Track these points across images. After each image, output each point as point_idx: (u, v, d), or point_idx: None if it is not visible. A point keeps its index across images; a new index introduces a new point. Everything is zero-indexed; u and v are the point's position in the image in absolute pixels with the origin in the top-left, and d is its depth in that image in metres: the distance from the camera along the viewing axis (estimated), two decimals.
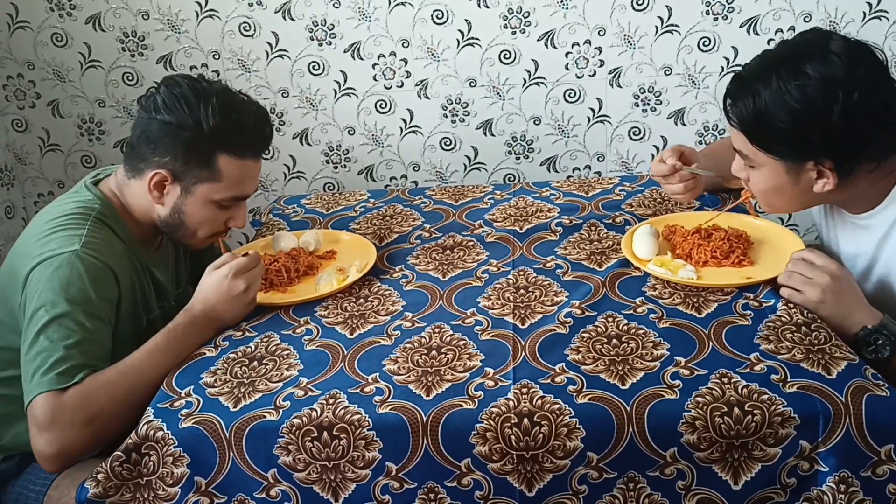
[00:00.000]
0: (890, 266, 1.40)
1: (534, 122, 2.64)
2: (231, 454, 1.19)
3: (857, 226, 1.44)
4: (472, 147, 2.70)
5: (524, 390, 1.18)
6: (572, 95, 2.60)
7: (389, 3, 2.51)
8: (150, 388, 1.31)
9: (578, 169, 2.71)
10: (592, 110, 2.62)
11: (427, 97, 2.63)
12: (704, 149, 1.82)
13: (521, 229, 1.72)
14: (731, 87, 1.39)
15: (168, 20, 2.57)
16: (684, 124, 2.60)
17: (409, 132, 2.69)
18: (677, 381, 1.17)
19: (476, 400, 1.18)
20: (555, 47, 2.54)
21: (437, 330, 1.36)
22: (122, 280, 1.45)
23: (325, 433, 1.16)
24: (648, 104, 2.59)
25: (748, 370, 1.18)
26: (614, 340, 1.28)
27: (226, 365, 1.32)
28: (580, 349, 1.27)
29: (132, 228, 1.54)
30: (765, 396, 1.13)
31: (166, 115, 1.45)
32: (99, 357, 1.34)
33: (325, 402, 1.20)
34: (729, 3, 2.43)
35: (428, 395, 1.19)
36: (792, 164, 1.35)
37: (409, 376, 1.24)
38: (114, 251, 1.45)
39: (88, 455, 1.34)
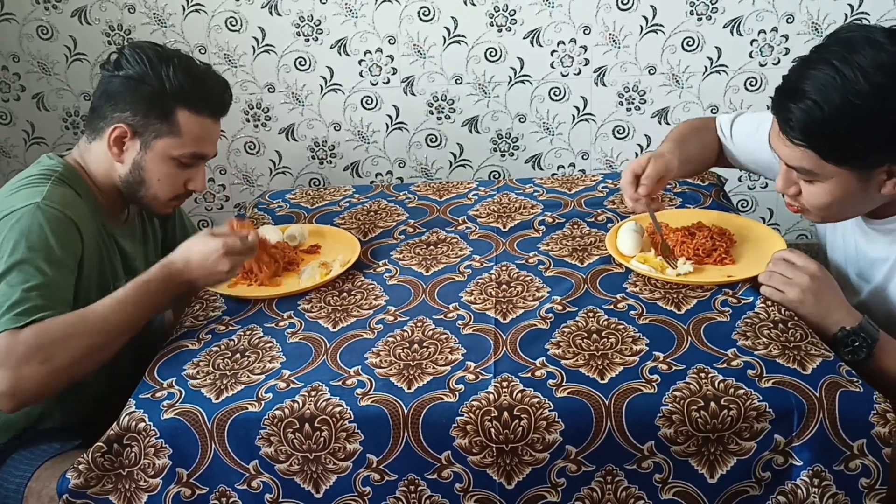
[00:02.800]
0: None
1: (519, 119, 2.66)
2: (213, 445, 1.19)
3: (878, 231, 1.43)
4: (458, 144, 2.71)
5: (504, 384, 1.19)
6: (557, 94, 2.61)
7: None
8: (114, 337, 1.32)
9: (563, 167, 2.72)
10: (577, 108, 2.63)
11: (413, 94, 2.64)
12: (673, 133, 1.70)
13: (504, 226, 1.73)
14: (783, 101, 1.28)
15: (154, 14, 2.57)
16: (668, 123, 2.62)
17: (395, 128, 2.70)
18: (655, 376, 1.18)
19: (457, 393, 1.19)
20: (540, 45, 2.55)
21: (419, 324, 1.37)
22: (86, 237, 1.44)
23: (307, 425, 1.17)
24: (633, 103, 2.61)
25: (725, 365, 1.20)
26: (594, 335, 1.29)
27: (208, 357, 1.33)
28: (560, 344, 1.28)
29: (97, 197, 1.54)
30: (741, 391, 1.14)
31: (128, 70, 1.49)
32: (60, 302, 1.33)
33: (307, 394, 1.21)
34: (713, 4, 2.46)
35: (409, 388, 1.20)
36: (865, 171, 1.28)
37: (391, 369, 1.25)
38: (76, 207, 1.45)
39: (43, 398, 1.32)
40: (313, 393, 1.21)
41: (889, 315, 1.44)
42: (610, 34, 2.53)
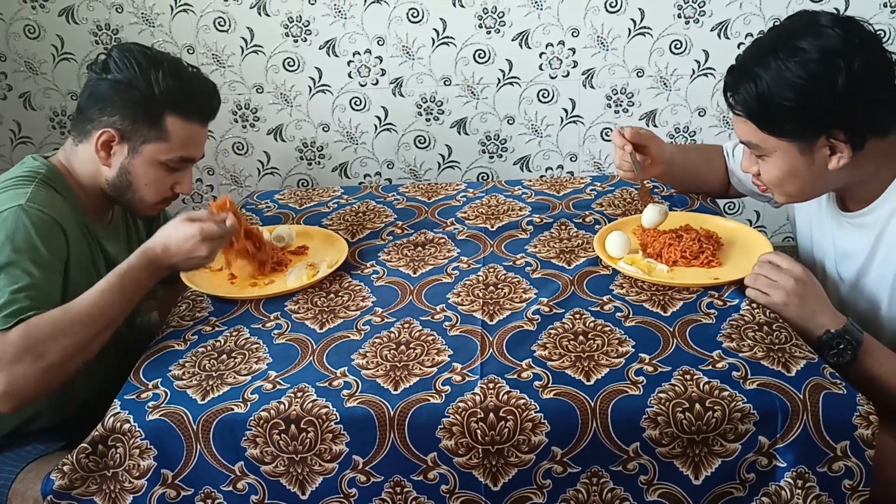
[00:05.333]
0: (882, 266, 1.42)
1: (507, 121, 2.66)
2: (198, 447, 1.19)
3: (853, 224, 1.46)
4: (446, 145, 2.71)
5: (491, 385, 1.19)
6: (546, 96, 2.62)
7: (365, 0, 2.52)
8: (102, 327, 1.32)
9: (551, 168, 2.73)
10: (565, 111, 2.64)
11: (402, 95, 2.64)
12: (686, 145, 1.84)
13: (492, 227, 1.73)
14: (729, 78, 1.40)
15: (142, 13, 2.56)
16: (656, 125, 2.63)
17: (384, 130, 2.70)
18: (641, 378, 1.19)
19: (443, 394, 1.19)
20: (529, 48, 2.56)
21: (406, 325, 1.37)
22: (71, 239, 1.44)
23: (293, 426, 1.17)
24: (621, 105, 2.62)
25: (710, 367, 1.20)
26: (581, 337, 1.30)
27: (194, 358, 1.32)
28: (547, 345, 1.28)
29: (81, 198, 1.53)
30: (725, 393, 1.15)
31: (116, 74, 1.47)
32: (48, 303, 1.32)
33: (293, 395, 1.20)
34: (700, 7, 2.47)
35: (396, 390, 1.20)
36: (804, 143, 1.35)
37: (378, 370, 1.25)
38: (60, 209, 1.44)
39: (41, 396, 1.31)
40: (299, 394, 1.21)
41: (866, 309, 1.46)
42: (598, 37, 2.53)
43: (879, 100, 1.31)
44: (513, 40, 2.55)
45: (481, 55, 2.58)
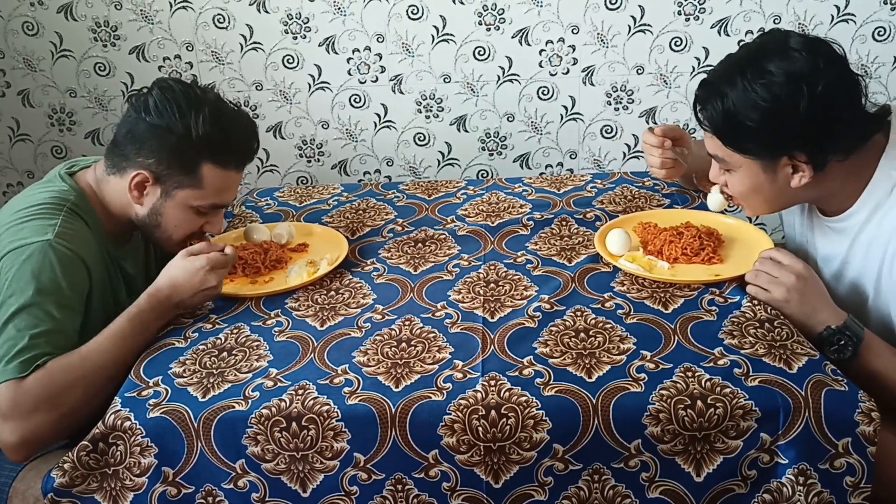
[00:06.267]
0: (861, 268, 1.43)
1: (507, 118, 2.66)
2: (199, 444, 1.19)
3: (832, 229, 1.47)
4: (446, 143, 2.71)
5: (492, 382, 1.19)
6: (546, 93, 2.62)
7: None
8: (114, 373, 1.32)
9: (551, 166, 2.73)
10: (565, 108, 2.63)
11: (401, 92, 2.64)
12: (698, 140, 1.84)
13: (492, 224, 1.73)
14: (699, 92, 1.42)
15: (141, 10, 2.55)
16: (656, 123, 2.62)
17: (383, 127, 2.69)
18: (643, 375, 1.19)
19: (444, 392, 1.19)
20: (529, 45, 2.55)
21: (407, 323, 1.37)
22: (93, 271, 1.44)
23: (294, 424, 1.17)
24: (621, 103, 2.62)
25: (712, 364, 1.20)
26: (582, 334, 1.30)
27: (195, 355, 1.32)
28: (548, 342, 1.28)
29: (104, 221, 1.53)
30: (727, 390, 1.15)
31: (156, 117, 1.46)
32: (66, 347, 1.33)
33: (294, 392, 1.20)
34: (700, 4, 2.46)
35: (397, 387, 1.20)
36: (767, 161, 1.37)
37: (379, 368, 1.25)
38: (86, 242, 1.45)
39: (55, 443, 1.33)
40: (300, 392, 1.20)
41: (850, 307, 1.46)
42: (598, 34, 2.53)
43: (841, 124, 1.32)
44: (513, 37, 2.55)
45: (481, 52, 2.57)
